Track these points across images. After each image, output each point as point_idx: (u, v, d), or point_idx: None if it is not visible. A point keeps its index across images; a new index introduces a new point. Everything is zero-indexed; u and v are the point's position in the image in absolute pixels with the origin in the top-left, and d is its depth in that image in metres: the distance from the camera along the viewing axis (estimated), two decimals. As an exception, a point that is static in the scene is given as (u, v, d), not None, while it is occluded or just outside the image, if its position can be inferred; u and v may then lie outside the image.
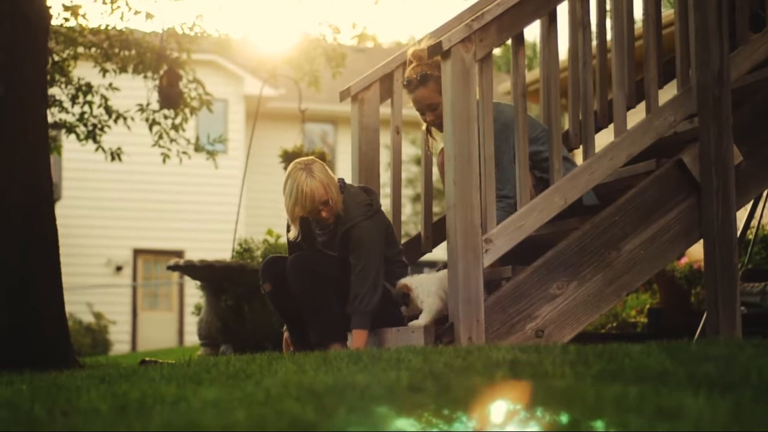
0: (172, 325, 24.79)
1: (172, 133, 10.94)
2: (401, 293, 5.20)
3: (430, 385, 2.79)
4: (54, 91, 10.18)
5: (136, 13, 10.40)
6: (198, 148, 11.39)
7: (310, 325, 5.37)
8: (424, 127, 5.65)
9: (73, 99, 10.42)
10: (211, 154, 11.36)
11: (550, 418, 2.21)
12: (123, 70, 10.44)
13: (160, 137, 10.93)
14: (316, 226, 5.48)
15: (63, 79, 10.33)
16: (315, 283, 5.32)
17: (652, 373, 2.85)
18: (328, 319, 5.31)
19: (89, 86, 10.48)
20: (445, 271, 5.13)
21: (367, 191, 5.52)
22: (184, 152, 11.03)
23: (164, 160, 11.12)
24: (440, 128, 5.57)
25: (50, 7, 7.31)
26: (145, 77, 10.56)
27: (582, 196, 5.30)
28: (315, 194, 5.23)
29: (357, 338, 5.22)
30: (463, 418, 2.27)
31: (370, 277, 5.26)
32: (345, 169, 24.81)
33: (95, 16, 18.90)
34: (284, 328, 5.68)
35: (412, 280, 5.23)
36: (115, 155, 10.79)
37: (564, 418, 2.20)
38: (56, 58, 10.14)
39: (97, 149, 10.72)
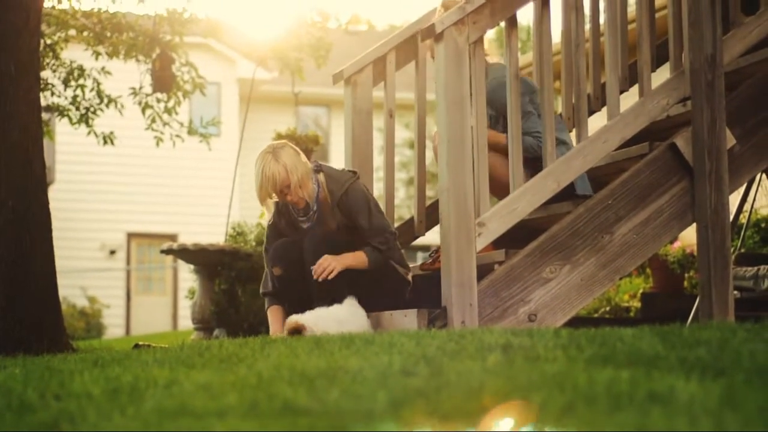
0: (166, 309, 24.78)
1: (165, 116, 10.90)
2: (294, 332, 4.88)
3: (423, 369, 2.79)
4: (45, 74, 10.13)
5: (129, -5, 10.36)
6: (191, 132, 11.35)
7: (320, 305, 5.31)
8: None
9: (66, 82, 10.38)
10: (205, 137, 11.32)
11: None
12: (115, 53, 10.39)
13: (153, 121, 10.89)
14: (297, 213, 5.47)
15: (55, 63, 10.29)
16: None
17: (645, 358, 2.85)
18: (340, 299, 5.27)
19: (81, 69, 10.43)
20: (340, 307, 5.10)
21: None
22: (177, 135, 11.00)
23: (157, 144, 11.09)
24: None
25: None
26: (138, 61, 10.51)
27: (576, 185, 5.31)
28: (276, 178, 5.25)
29: (356, 256, 5.28)
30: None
31: (386, 228, 5.36)
32: (338, 153, 24.76)
33: (88, -2, 18.79)
34: (267, 306, 5.59)
35: (307, 318, 4.97)
36: (108, 139, 10.76)
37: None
38: (48, 41, 10.09)
39: (89, 133, 10.69)
